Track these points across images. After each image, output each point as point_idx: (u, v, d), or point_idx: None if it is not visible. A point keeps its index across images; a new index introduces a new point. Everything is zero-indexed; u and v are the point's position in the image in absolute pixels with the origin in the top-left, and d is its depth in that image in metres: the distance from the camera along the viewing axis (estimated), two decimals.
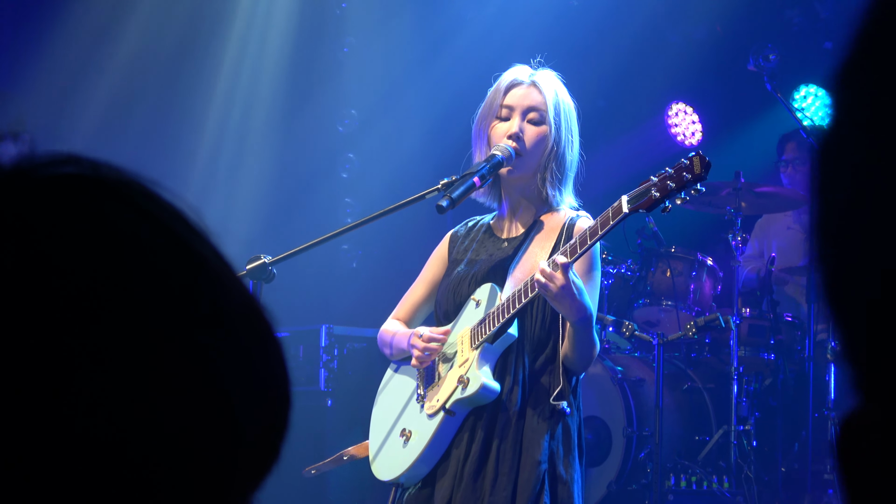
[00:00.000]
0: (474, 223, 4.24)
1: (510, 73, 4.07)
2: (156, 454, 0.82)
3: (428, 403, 4.00)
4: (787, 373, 7.27)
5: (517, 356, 3.87)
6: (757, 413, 7.13)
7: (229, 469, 0.86)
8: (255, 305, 0.90)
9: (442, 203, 3.95)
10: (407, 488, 4.00)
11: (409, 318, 4.27)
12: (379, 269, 8.45)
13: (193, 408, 0.84)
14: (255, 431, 0.88)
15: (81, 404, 0.80)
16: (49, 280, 0.80)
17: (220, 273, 0.88)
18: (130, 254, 0.83)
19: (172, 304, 0.84)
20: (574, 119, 4.04)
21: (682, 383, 7.31)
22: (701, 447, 7.13)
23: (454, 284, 4.07)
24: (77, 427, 0.80)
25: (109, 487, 0.81)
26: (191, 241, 0.87)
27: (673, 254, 7.47)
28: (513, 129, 3.97)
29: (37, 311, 0.80)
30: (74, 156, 0.87)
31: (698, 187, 3.62)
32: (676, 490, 6.81)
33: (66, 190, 0.84)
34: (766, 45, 7.22)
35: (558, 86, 4.04)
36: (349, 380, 7.42)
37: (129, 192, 0.87)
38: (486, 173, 4.02)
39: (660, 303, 7.46)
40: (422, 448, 3.92)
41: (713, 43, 9.14)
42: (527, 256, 3.96)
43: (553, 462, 3.80)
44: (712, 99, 9.32)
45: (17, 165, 0.85)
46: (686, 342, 7.31)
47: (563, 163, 3.97)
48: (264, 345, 0.89)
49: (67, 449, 0.79)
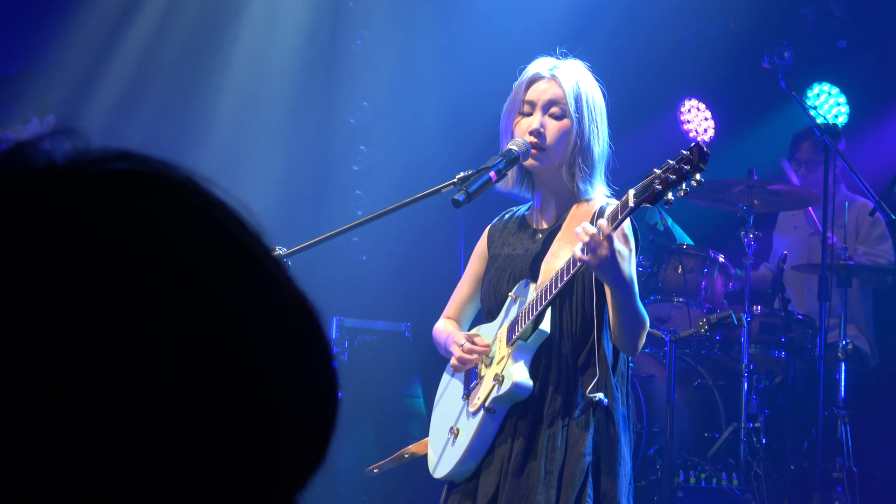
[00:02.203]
0: (510, 215, 4.23)
1: (532, 67, 4.05)
2: (202, 454, 0.82)
3: (471, 402, 4.02)
4: (798, 371, 7.26)
5: (558, 352, 3.88)
6: (767, 410, 7.12)
7: (276, 469, 0.86)
8: (307, 306, 0.90)
9: (458, 197, 3.95)
10: (457, 485, 4.02)
11: (458, 316, 4.29)
12: (389, 262, 8.45)
13: (243, 408, 0.83)
14: (303, 432, 0.88)
15: (128, 406, 0.79)
16: (104, 279, 0.80)
17: (275, 273, 0.88)
18: (186, 253, 0.83)
19: (229, 305, 0.83)
20: (600, 109, 4.00)
21: (693, 380, 7.30)
22: (710, 444, 7.12)
23: (494, 282, 4.07)
24: (126, 430, 0.79)
25: (155, 488, 0.80)
26: (245, 241, 0.87)
27: (685, 250, 7.47)
28: (533, 124, 3.96)
29: (90, 311, 0.79)
30: (128, 152, 0.86)
31: (698, 178, 3.60)
32: (686, 487, 6.80)
33: (119, 187, 0.84)
34: (780, 42, 7.20)
35: (581, 76, 4.01)
36: (359, 372, 7.42)
37: (183, 190, 0.86)
38: (503, 168, 4.01)
39: (671, 299, 7.45)
40: (466, 445, 3.95)
41: (727, 40, 9.12)
42: (559, 248, 3.95)
43: (597, 455, 3.80)
44: (725, 96, 9.30)
45: (71, 162, 0.85)
46: (697, 339, 7.31)
47: (590, 155, 3.94)
48: (315, 345, 0.89)
49: (113, 450, 0.79)
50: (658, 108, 9.21)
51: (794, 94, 7.15)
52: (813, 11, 8.95)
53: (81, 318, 0.79)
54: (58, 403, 0.78)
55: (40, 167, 0.84)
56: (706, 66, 9.11)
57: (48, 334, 0.78)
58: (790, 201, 7.74)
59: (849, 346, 7.09)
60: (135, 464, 0.79)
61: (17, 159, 0.85)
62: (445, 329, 4.23)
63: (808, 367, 7.28)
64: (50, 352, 0.78)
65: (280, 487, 0.87)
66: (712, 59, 9.09)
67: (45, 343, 0.78)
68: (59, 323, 0.78)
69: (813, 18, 8.95)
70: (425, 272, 8.18)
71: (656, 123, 9.13)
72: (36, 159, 0.85)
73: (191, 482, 0.81)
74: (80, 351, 0.79)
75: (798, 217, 8.15)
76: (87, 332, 0.79)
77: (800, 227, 8.15)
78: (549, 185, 4.03)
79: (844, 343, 7.07)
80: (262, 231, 0.89)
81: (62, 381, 0.78)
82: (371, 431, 7.29)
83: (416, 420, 7.56)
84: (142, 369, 0.80)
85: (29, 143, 0.85)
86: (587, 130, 3.94)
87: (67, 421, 0.78)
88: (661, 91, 9.13)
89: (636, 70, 8.84)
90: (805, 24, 8.96)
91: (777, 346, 7.28)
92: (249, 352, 0.84)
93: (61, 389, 0.78)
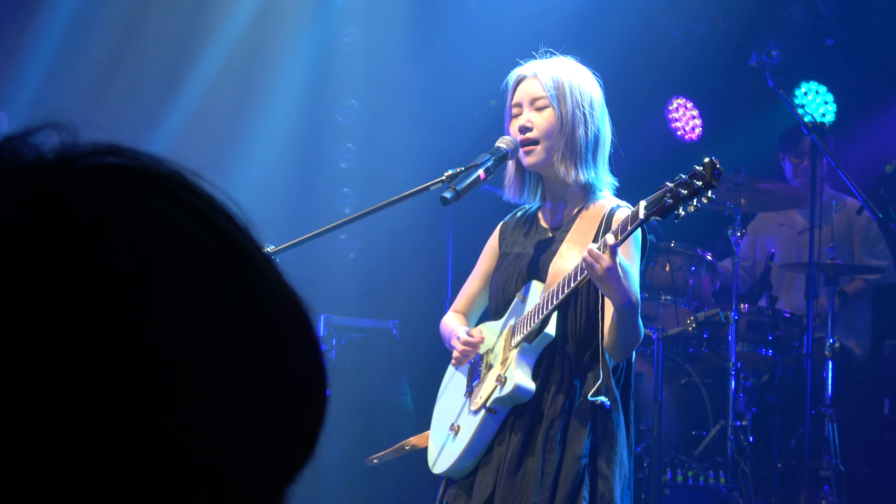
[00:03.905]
0: (522, 212, 4.23)
1: (515, 72, 4.09)
2: (196, 446, 0.82)
3: (473, 400, 4.04)
4: (785, 369, 7.28)
5: (562, 355, 3.88)
6: (754, 409, 7.13)
7: (267, 462, 0.86)
8: (296, 300, 0.90)
9: (446, 195, 3.96)
10: (454, 481, 4.03)
11: (466, 311, 4.29)
12: (377, 260, 8.44)
13: (233, 401, 0.83)
14: (292, 426, 0.88)
15: (126, 398, 0.79)
16: (100, 271, 0.80)
17: (263, 267, 0.88)
18: (180, 246, 0.83)
19: (221, 297, 0.83)
20: (589, 96, 4.00)
21: (680, 378, 7.31)
22: (698, 442, 7.14)
23: (503, 281, 4.08)
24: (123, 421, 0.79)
25: (150, 478, 0.80)
26: (234, 235, 0.87)
27: (672, 248, 7.47)
28: (520, 121, 3.99)
29: (77, 303, 0.79)
30: (116, 146, 0.86)
31: (709, 195, 3.61)
32: (673, 484, 6.81)
33: (110, 181, 0.84)
34: (768, 40, 7.21)
35: (562, 67, 4.03)
36: (347, 370, 7.41)
37: (172, 183, 0.86)
38: (492, 166, 4.02)
39: (659, 297, 7.46)
40: (466, 443, 3.96)
41: (714, 38, 9.12)
42: (567, 250, 3.95)
43: (594, 457, 3.80)
44: (713, 94, 9.30)
45: (59, 156, 0.85)
46: (684, 337, 7.32)
47: (574, 139, 3.94)
48: (304, 339, 0.89)
49: (108, 441, 0.79)
50: (645, 107, 9.20)
51: (781, 93, 7.16)
52: (800, 10, 8.96)
53: (79, 310, 0.79)
54: (57, 394, 0.78)
55: (29, 161, 0.84)
56: (693, 64, 9.12)
57: (46, 328, 0.78)
58: (777, 200, 7.75)
59: (836, 345, 7.11)
60: (131, 454, 0.79)
61: (5, 154, 0.84)
62: (451, 323, 4.24)
63: (796, 365, 7.30)
64: (49, 345, 0.78)
65: (272, 480, 0.87)
66: (700, 57, 9.09)
67: (44, 337, 0.78)
68: (57, 316, 0.78)
69: (800, 17, 8.96)
70: (413, 270, 8.18)
71: (644, 122, 9.13)
72: (24, 153, 0.84)
73: (186, 473, 0.81)
74: (78, 343, 0.78)
75: (784, 214, 8.15)
76: (85, 324, 0.79)
77: (786, 224, 8.16)
78: (555, 184, 4.03)
79: (832, 341, 7.08)
80: (250, 225, 0.89)
81: (62, 374, 0.78)
82: (359, 429, 7.27)
83: (404, 418, 7.55)
84: (140, 361, 0.80)
85: (17, 137, 0.85)
86: (571, 114, 3.94)
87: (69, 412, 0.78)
88: (648, 89, 9.13)
89: (624, 68, 8.84)
90: (793, 23, 8.97)
91: (764, 345, 7.30)
92: (241, 343, 0.84)
93: (61, 383, 0.78)
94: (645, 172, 4.04)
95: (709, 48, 9.10)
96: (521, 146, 3.98)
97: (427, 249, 8.00)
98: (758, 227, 8.25)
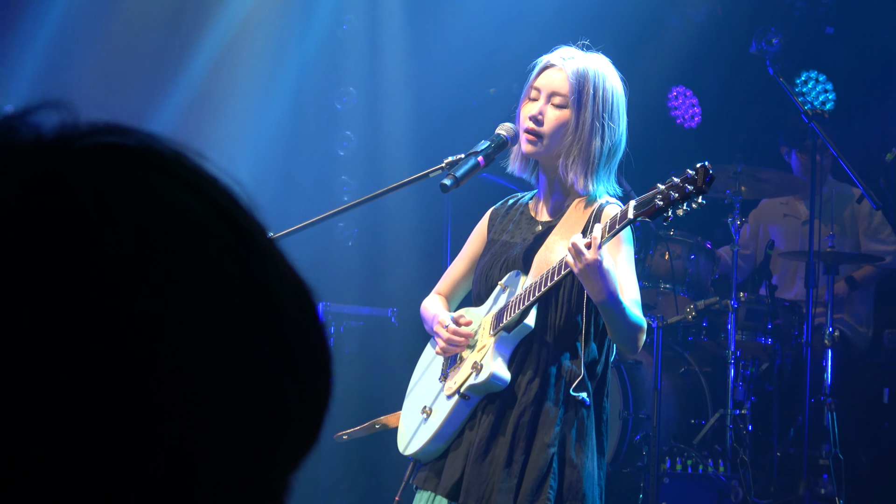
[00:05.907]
0: (514, 200, 4.19)
1: (548, 56, 3.99)
2: (198, 431, 0.80)
3: (447, 384, 4.02)
4: (785, 357, 7.28)
5: (539, 344, 3.86)
6: (753, 397, 7.12)
7: (272, 449, 0.85)
8: (300, 282, 0.88)
9: (446, 182, 3.95)
10: (423, 464, 4.02)
11: (449, 294, 4.26)
12: (375, 248, 8.43)
13: (238, 387, 0.82)
14: (297, 411, 0.86)
15: (122, 379, 0.78)
16: (93, 252, 0.78)
17: (267, 248, 0.86)
18: (183, 226, 0.81)
19: (221, 278, 0.82)
20: (612, 106, 3.92)
21: (679, 367, 7.31)
22: (697, 431, 7.13)
23: (487, 267, 4.05)
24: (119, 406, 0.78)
25: (153, 467, 0.79)
26: (238, 216, 0.85)
27: (671, 237, 7.46)
28: (533, 110, 3.91)
29: (78, 284, 0.77)
30: (116, 125, 0.84)
31: (700, 200, 3.59)
32: (672, 473, 6.81)
33: (111, 160, 0.82)
34: (768, 28, 7.19)
35: (593, 70, 3.93)
36: (345, 358, 7.42)
37: (174, 163, 0.84)
38: (492, 153, 4.00)
39: (658, 286, 7.45)
40: (437, 427, 3.95)
41: (714, 26, 9.10)
42: (553, 243, 3.92)
43: (564, 446, 3.80)
44: (712, 82, 9.28)
45: (59, 135, 0.83)
46: (683, 325, 7.31)
47: (590, 151, 3.87)
48: (309, 322, 0.88)
49: (109, 423, 0.78)
50: (646, 95, 9.18)
51: (781, 81, 7.14)
52: None
53: (80, 290, 0.77)
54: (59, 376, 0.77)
55: (28, 140, 0.82)
56: (693, 52, 9.09)
57: (46, 309, 0.77)
58: (777, 188, 7.74)
59: (835, 333, 7.10)
60: (133, 440, 0.78)
61: (4, 133, 0.83)
62: (433, 306, 4.18)
63: (795, 353, 7.29)
64: (49, 326, 0.77)
65: (277, 467, 0.86)
66: (699, 45, 9.07)
67: (44, 318, 0.77)
68: (58, 296, 0.77)
69: (800, 5, 8.94)
70: (412, 258, 8.17)
71: (644, 110, 9.11)
72: (24, 133, 0.83)
73: (189, 459, 0.80)
74: (79, 324, 0.77)
75: (788, 204, 8.12)
76: (87, 305, 0.77)
77: (791, 214, 8.13)
78: (550, 176, 3.99)
79: (831, 330, 7.08)
80: (254, 207, 0.87)
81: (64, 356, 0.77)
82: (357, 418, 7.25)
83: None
84: (143, 343, 0.78)
85: (16, 116, 0.84)
86: (589, 124, 3.87)
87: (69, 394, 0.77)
88: (649, 78, 9.11)
89: (623, 57, 8.80)
90: (793, 11, 8.95)
91: (764, 333, 7.29)
92: (245, 327, 0.82)
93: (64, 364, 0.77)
94: (642, 165, 4.03)
95: (709, 36, 9.08)
96: (525, 132, 3.93)
97: (426, 237, 8.00)
98: (760, 215, 8.22)
